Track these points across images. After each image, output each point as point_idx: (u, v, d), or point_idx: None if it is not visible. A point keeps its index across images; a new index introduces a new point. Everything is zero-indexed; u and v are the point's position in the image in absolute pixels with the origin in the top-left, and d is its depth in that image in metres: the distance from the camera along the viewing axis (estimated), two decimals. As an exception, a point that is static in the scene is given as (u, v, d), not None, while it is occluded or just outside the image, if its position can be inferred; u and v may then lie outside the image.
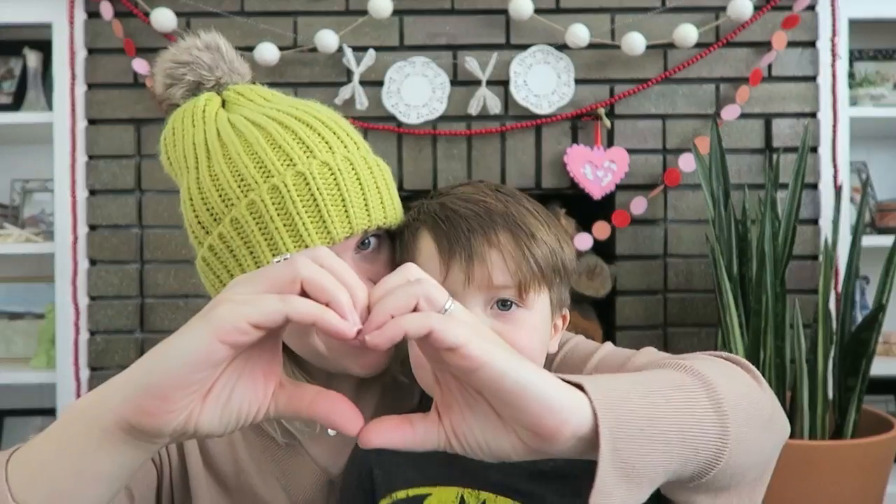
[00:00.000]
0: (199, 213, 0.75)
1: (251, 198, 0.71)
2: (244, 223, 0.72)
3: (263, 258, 0.71)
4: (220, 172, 0.73)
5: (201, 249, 0.77)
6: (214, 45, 0.83)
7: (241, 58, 0.86)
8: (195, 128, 0.78)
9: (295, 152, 0.73)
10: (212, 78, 0.82)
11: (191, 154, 0.77)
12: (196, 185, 0.75)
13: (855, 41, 1.97)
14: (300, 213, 0.70)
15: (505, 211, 0.71)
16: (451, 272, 0.69)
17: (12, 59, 2.12)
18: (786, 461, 1.41)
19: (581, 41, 1.78)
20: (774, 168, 1.60)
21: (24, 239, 1.98)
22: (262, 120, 0.76)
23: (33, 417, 2.10)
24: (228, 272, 0.75)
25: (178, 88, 0.82)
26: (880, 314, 1.47)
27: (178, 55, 0.82)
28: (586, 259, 1.82)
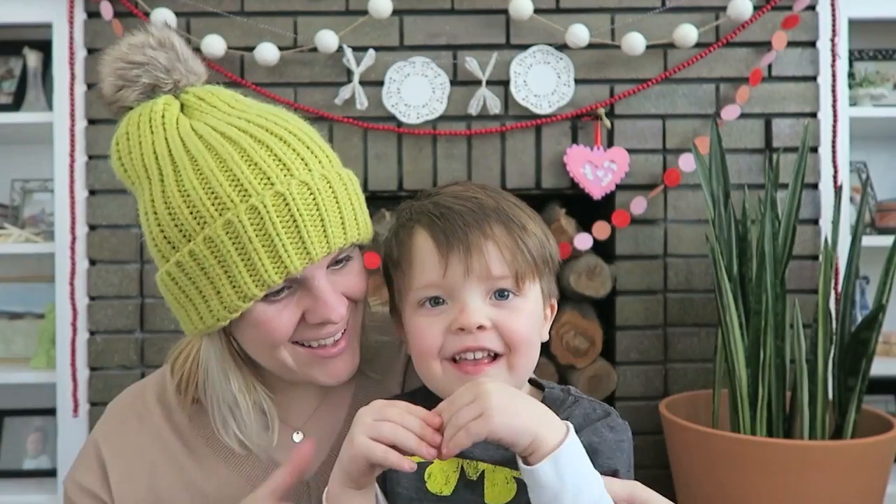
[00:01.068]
0: (165, 227, 0.73)
1: (227, 217, 0.70)
2: (219, 243, 0.70)
3: (240, 277, 0.71)
4: (192, 189, 0.71)
5: (165, 264, 0.75)
6: (169, 43, 0.78)
7: (195, 56, 0.81)
8: (154, 135, 0.75)
9: (273, 171, 0.71)
10: (169, 81, 0.78)
11: (152, 164, 0.74)
12: (162, 200, 0.73)
13: (855, 41, 1.97)
14: (279, 234, 0.70)
15: (496, 206, 0.74)
16: (450, 265, 0.71)
17: (12, 59, 2.12)
18: (786, 461, 1.41)
19: (581, 41, 1.78)
20: (774, 168, 1.60)
21: (24, 239, 1.98)
22: (232, 133, 0.74)
23: (33, 417, 2.10)
24: (198, 289, 0.74)
25: (132, 91, 0.77)
26: (880, 314, 1.47)
27: (129, 54, 0.77)
28: (586, 259, 1.82)
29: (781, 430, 1.54)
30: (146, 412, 0.87)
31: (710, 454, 1.49)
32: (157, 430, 0.85)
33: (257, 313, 0.74)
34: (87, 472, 0.85)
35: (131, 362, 1.84)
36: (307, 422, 0.87)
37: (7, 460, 2.05)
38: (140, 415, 0.87)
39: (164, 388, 0.88)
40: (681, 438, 1.58)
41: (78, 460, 0.87)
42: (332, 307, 0.74)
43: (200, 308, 0.75)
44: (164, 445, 0.85)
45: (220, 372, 0.79)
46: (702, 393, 1.77)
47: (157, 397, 0.88)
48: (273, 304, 0.74)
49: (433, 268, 0.71)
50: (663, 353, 1.86)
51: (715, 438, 1.48)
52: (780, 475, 1.40)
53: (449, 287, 0.72)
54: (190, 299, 0.75)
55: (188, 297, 0.75)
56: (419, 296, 0.73)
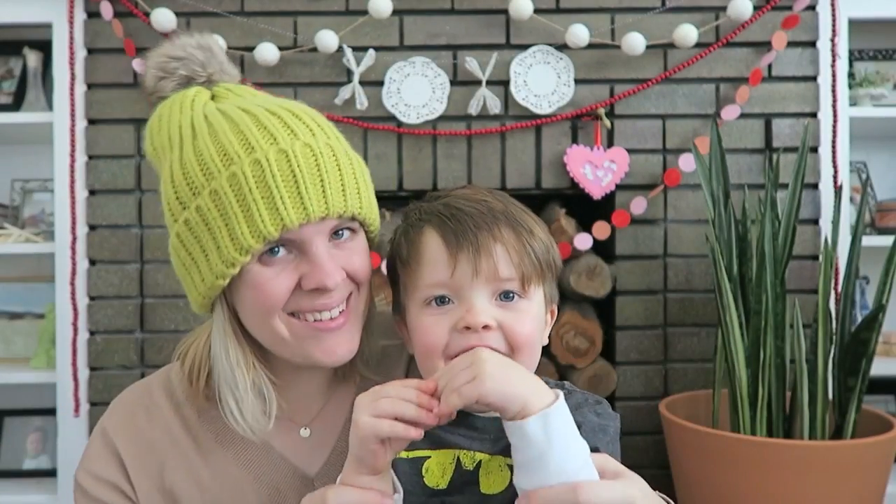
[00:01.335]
0: (178, 188, 0.77)
1: (232, 170, 0.74)
2: (223, 195, 0.74)
3: (238, 229, 0.73)
4: (205, 148, 0.76)
5: (175, 226, 0.78)
6: (207, 46, 0.86)
7: (231, 62, 0.88)
8: (182, 114, 0.80)
9: (279, 133, 0.76)
10: (203, 74, 0.84)
11: (175, 136, 0.79)
12: (179, 163, 0.77)
13: (855, 41, 1.97)
14: (279, 188, 0.73)
15: (505, 209, 0.77)
16: (458, 265, 0.72)
17: (12, 59, 2.12)
18: (786, 461, 1.41)
19: (581, 41, 1.78)
20: (774, 168, 1.60)
21: (24, 239, 1.98)
22: (249, 107, 0.79)
23: (33, 417, 2.10)
24: (201, 246, 0.76)
25: (170, 82, 0.84)
26: (880, 314, 1.47)
27: (171, 50, 0.84)
28: (586, 259, 1.82)
29: (781, 430, 1.54)
30: (154, 406, 0.87)
31: (710, 454, 1.49)
32: (167, 423, 0.86)
33: (254, 274, 0.75)
34: (103, 463, 0.84)
35: (131, 362, 1.84)
36: (314, 420, 0.88)
37: (7, 460, 2.05)
38: (148, 408, 0.87)
39: (170, 384, 0.89)
40: (681, 438, 1.58)
41: (89, 454, 0.86)
42: (328, 273, 0.75)
43: (203, 267, 0.77)
44: (173, 439, 0.85)
45: (221, 347, 0.80)
46: (702, 393, 1.77)
47: (165, 392, 0.88)
48: (270, 267, 0.76)
49: (442, 267, 0.73)
50: (663, 353, 1.86)
51: (715, 438, 1.48)
52: (780, 475, 1.40)
53: (456, 287, 0.73)
54: (194, 260, 0.77)
55: (192, 257, 0.77)
56: (426, 294, 0.74)
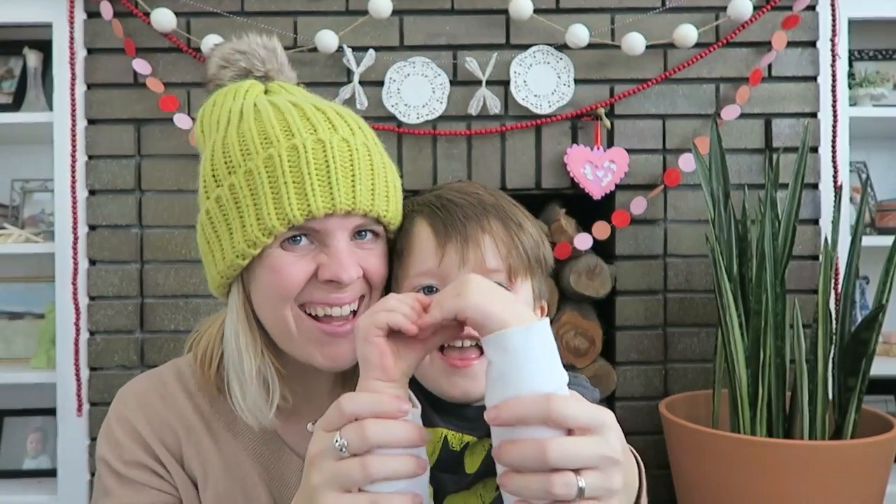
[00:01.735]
0: (216, 165, 0.79)
1: (269, 152, 0.75)
2: (257, 175, 0.75)
3: (265, 209, 0.74)
4: (247, 129, 0.78)
5: (207, 203, 0.80)
6: (272, 47, 0.90)
7: (290, 66, 0.93)
8: (234, 101, 0.83)
9: (320, 124, 0.78)
10: (262, 69, 0.88)
11: (224, 119, 0.82)
12: (221, 142, 0.80)
13: (855, 41, 1.97)
14: (311, 174, 0.74)
15: (496, 202, 0.78)
16: (446, 255, 0.74)
17: (12, 59, 2.12)
18: (786, 461, 1.41)
19: (581, 41, 1.78)
20: (774, 168, 1.60)
21: (24, 239, 1.98)
22: (298, 100, 0.82)
23: (33, 417, 2.10)
24: (227, 223, 0.77)
25: (229, 71, 0.88)
26: (880, 314, 1.47)
27: (238, 44, 0.89)
28: (586, 259, 1.81)
29: (781, 430, 1.54)
30: (167, 393, 0.87)
31: (710, 454, 1.49)
32: (181, 409, 0.86)
33: (274, 258, 0.76)
34: (129, 446, 0.84)
35: (131, 362, 1.84)
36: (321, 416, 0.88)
37: (7, 460, 2.05)
38: (162, 395, 0.87)
39: (182, 373, 0.89)
40: (681, 438, 1.58)
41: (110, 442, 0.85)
42: (345, 266, 0.76)
43: (225, 244, 0.78)
44: (187, 424, 0.85)
45: (232, 330, 0.81)
46: (702, 393, 1.77)
47: (178, 381, 0.88)
48: (290, 253, 0.77)
49: (430, 256, 0.74)
50: (663, 353, 1.86)
51: (715, 438, 1.48)
52: (780, 475, 1.40)
53: (443, 276, 0.74)
54: (218, 237, 0.79)
55: (217, 234, 0.79)
56: (414, 283, 0.75)
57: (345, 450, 0.59)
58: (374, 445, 0.59)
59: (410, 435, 0.60)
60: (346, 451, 0.59)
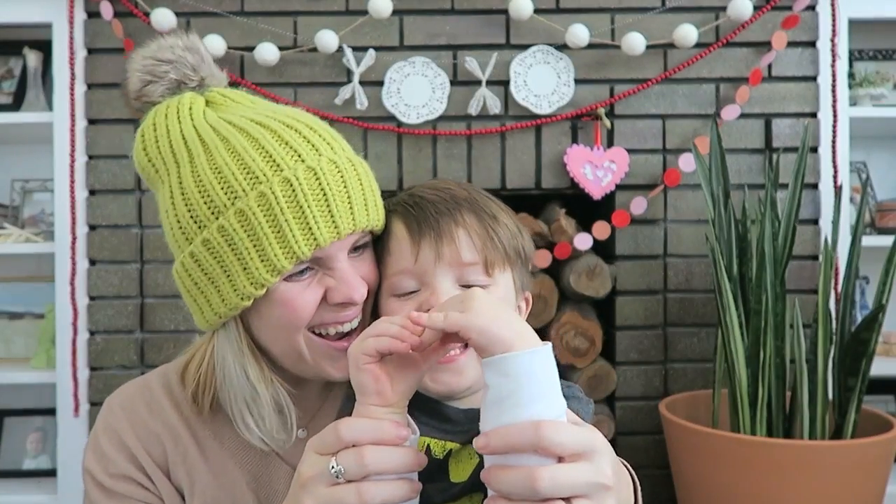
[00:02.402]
0: (193, 206, 0.74)
1: (260, 190, 0.72)
2: (251, 216, 0.72)
3: (269, 250, 0.72)
4: (224, 165, 0.73)
5: (188, 247, 0.75)
6: (195, 48, 0.82)
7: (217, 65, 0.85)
8: (182, 123, 0.77)
9: (303, 149, 0.75)
10: (195, 78, 0.82)
11: (181, 148, 0.76)
12: (192, 178, 0.74)
13: (855, 41, 1.97)
14: (310, 207, 0.72)
15: (468, 196, 0.78)
16: (421, 251, 0.74)
17: (12, 59, 2.11)
18: (786, 461, 1.41)
19: (581, 41, 1.78)
20: (774, 168, 1.60)
21: (24, 239, 1.98)
22: (261, 119, 0.77)
23: (33, 417, 2.10)
24: (223, 268, 0.74)
25: (158, 86, 0.81)
26: (880, 314, 1.47)
27: (159, 53, 0.81)
28: (586, 259, 1.81)
29: (781, 430, 1.54)
30: (154, 402, 0.87)
31: (710, 454, 1.49)
32: (167, 418, 0.85)
33: (281, 292, 0.74)
34: (115, 458, 0.84)
35: (131, 362, 1.84)
36: (311, 421, 0.88)
37: (7, 460, 2.05)
38: (148, 403, 0.86)
39: (169, 382, 0.88)
40: (681, 438, 1.58)
41: (97, 453, 0.85)
42: (355, 287, 0.75)
43: (224, 288, 0.75)
44: (173, 433, 0.85)
45: (235, 366, 0.79)
46: (702, 393, 1.77)
47: (164, 389, 0.88)
48: (296, 283, 0.75)
49: (406, 254, 0.75)
50: (663, 353, 1.86)
51: (715, 438, 1.48)
52: (780, 475, 1.40)
53: (420, 273, 0.74)
54: (212, 281, 0.75)
55: (211, 279, 0.75)
56: (393, 282, 0.76)
57: (341, 476, 0.59)
58: (372, 473, 0.59)
59: (409, 461, 0.60)
60: (342, 478, 0.58)
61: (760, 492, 1.42)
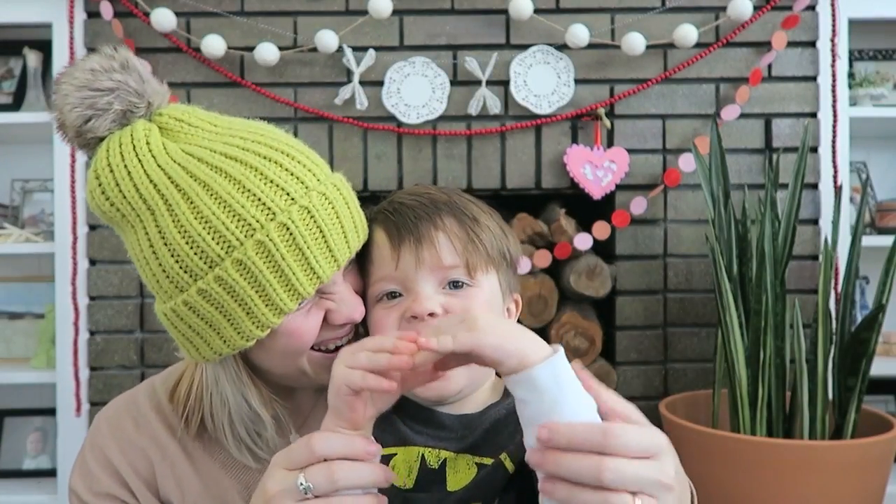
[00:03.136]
0: (182, 258, 0.71)
1: (257, 238, 0.70)
2: (251, 265, 0.70)
3: (274, 295, 0.71)
4: (211, 215, 0.70)
5: (180, 295, 0.73)
6: (131, 65, 0.74)
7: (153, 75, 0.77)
8: (143, 163, 0.71)
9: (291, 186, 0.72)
10: (142, 104, 0.74)
11: (152, 195, 0.71)
12: (175, 229, 0.70)
13: (855, 41, 1.97)
14: (310, 247, 0.71)
15: (448, 200, 0.78)
16: (402, 257, 0.74)
17: (12, 59, 2.11)
18: (786, 461, 1.41)
19: (581, 41, 1.78)
20: (774, 168, 1.60)
21: (24, 239, 1.98)
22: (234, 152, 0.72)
23: (33, 417, 2.10)
24: (224, 314, 0.72)
25: (103, 120, 0.72)
26: (880, 314, 1.47)
27: (94, 81, 0.71)
28: (586, 259, 1.82)
29: (781, 430, 1.54)
30: (141, 416, 0.86)
31: (710, 454, 1.49)
32: (154, 432, 0.85)
33: (286, 324, 0.74)
34: (100, 477, 0.84)
35: (131, 362, 1.84)
36: (302, 426, 0.89)
37: (7, 460, 2.05)
38: (135, 418, 0.86)
39: (157, 396, 0.88)
40: (681, 438, 1.58)
41: (82, 471, 0.85)
42: (355, 306, 0.77)
43: (225, 332, 0.74)
44: (161, 446, 0.85)
45: (236, 396, 0.79)
46: (702, 393, 1.77)
47: (152, 404, 0.87)
48: (298, 313, 0.75)
49: (387, 260, 0.75)
50: (663, 353, 1.86)
51: (715, 438, 1.48)
52: (780, 475, 1.40)
53: (402, 279, 0.74)
54: (212, 326, 0.74)
55: (209, 324, 0.74)
56: (377, 289, 0.76)
57: (309, 493, 0.59)
58: (341, 489, 0.59)
59: (378, 477, 0.60)
60: (311, 494, 0.59)
61: (760, 492, 1.42)
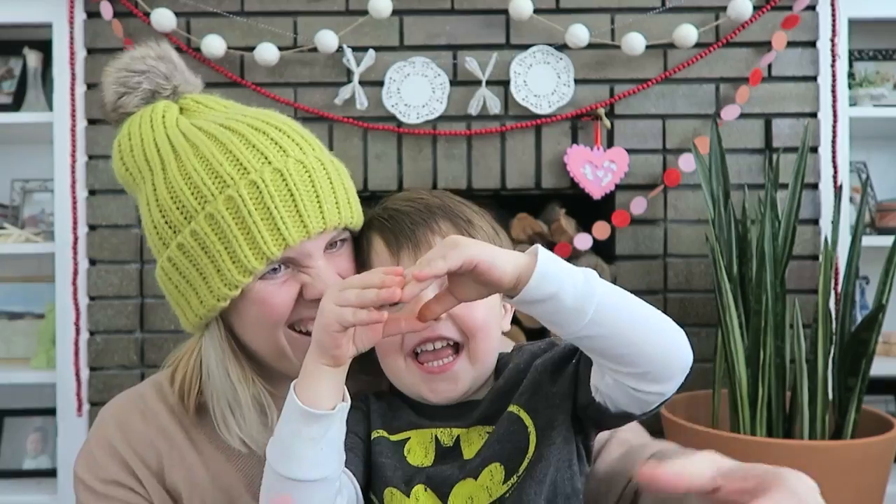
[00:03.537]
0: (166, 212, 0.77)
1: (228, 193, 0.74)
2: (220, 219, 0.74)
3: (240, 252, 0.74)
4: (193, 171, 0.75)
5: (166, 251, 0.78)
6: (168, 57, 0.84)
7: (191, 71, 0.87)
8: (155, 131, 0.79)
9: (270, 151, 0.76)
10: (168, 86, 0.84)
11: (154, 156, 0.79)
12: (164, 185, 0.77)
13: (855, 41, 1.97)
14: (278, 208, 0.74)
15: (442, 204, 0.80)
16: (401, 263, 0.75)
17: (12, 59, 2.11)
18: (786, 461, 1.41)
19: (581, 41, 1.78)
20: (774, 168, 1.60)
21: (24, 239, 1.98)
22: (230, 123, 0.79)
23: (33, 417, 2.10)
24: (198, 270, 0.76)
25: (133, 97, 0.83)
26: (880, 314, 1.47)
27: (131, 64, 0.83)
28: (586, 259, 1.81)
29: (781, 430, 1.54)
30: (148, 409, 0.87)
31: (710, 454, 1.49)
32: (162, 424, 0.86)
33: (257, 291, 0.76)
34: (107, 464, 0.83)
35: (131, 362, 1.84)
36: None
37: (7, 460, 2.05)
38: (143, 412, 0.87)
39: (162, 389, 0.89)
40: (681, 438, 1.58)
41: (88, 461, 0.85)
42: (329, 283, 0.76)
43: (201, 290, 0.77)
44: (169, 438, 0.85)
45: (218, 366, 0.80)
46: (702, 393, 1.77)
47: (158, 396, 0.88)
48: (271, 282, 0.77)
49: None
50: (663, 353, 1.86)
51: (715, 438, 1.48)
52: (780, 475, 1.40)
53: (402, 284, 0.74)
54: (190, 283, 0.77)
55: (188, 281, 0.77)
56: None
57: None
58: None
59: None
60: None
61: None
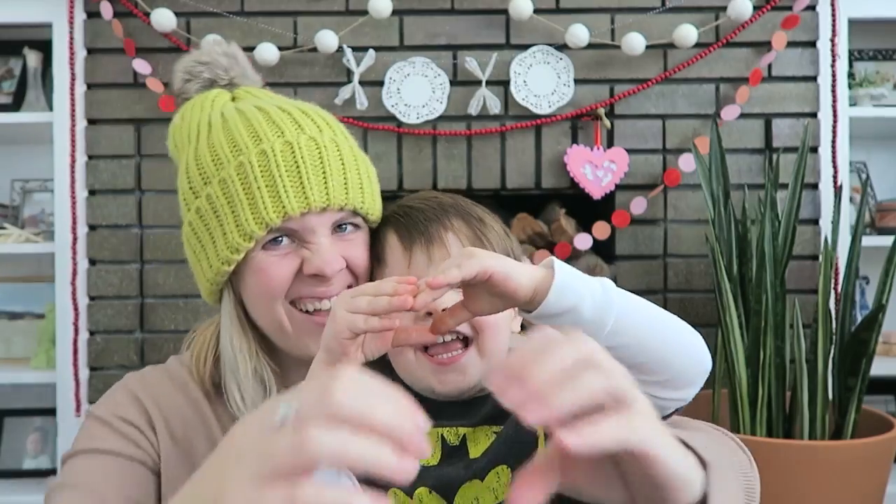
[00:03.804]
0: (192, 178, 0.82)
1: (240, 160, 0.78)
2: (230, 183, 0.78)
3: (243, 216, 0.77)
4: (217, 141, 0.80)
5: (188, 215, 0.83)
6: (232, 53, 0.92)
7: (254, 70, 0.94)
8: (202, 112, 0.85)
9: (286, 126, 0.80)
10: (226, 77, 0.90)
11: (194, 131, 0.84)
12: (194, 155, 0.82)
13: (855, 41, 1.97)
14: (282, 177, 0.77)
15: (455, 203, 0.82)
16: (414, 257, 0.77)
17: (12, 59, 2.11)
18: (786, 461, 1.41)
19: (581, 41, 1.78)
20: (774, 168, 1.60)
21: (24, 239, 1.97)
22: (264, 105, 0.84)
23: (33, 417, 2.09)
24: (210, 233, 0.80)
25: (194, 84, 0.90)
26: (880, 314, 1.47)
27: (198, 55, 0.91)
28: (586, 259, 1.81)
29: (781, 430, 1.54)
30: (178, 379, 0.86)
31: (710, 454, 1.49)
32: (191, 392, 0.85)
33: (258, 261, 0.79)
34: (126, 406, 0.82)
35: (131, 362, 1.84)
36: None
37: (7, 460, 2.05)
38: (172, 380, 0.86)
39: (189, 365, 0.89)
40: (681, 438, 1.58)
41: (107, 400, 0.84)
42: (327, 259, 0.78)
43: (210, 253, 0.81)
44: (197, 408, 0.85)
45: (226, 333, 0.83)
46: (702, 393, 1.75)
47: (185, 370, 0.88)
48: (272, 253, 0.79)
49: (399, 261, 0.78)
50: (663, 353, 1.86)
51: (715, 438, 1.48)
52: (780, 475, 1.40)
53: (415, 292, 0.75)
54: (203, 246, 0.82)
55: (202, 244, 0.82)
56: None
57: None
58: None
59: None
60: None
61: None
